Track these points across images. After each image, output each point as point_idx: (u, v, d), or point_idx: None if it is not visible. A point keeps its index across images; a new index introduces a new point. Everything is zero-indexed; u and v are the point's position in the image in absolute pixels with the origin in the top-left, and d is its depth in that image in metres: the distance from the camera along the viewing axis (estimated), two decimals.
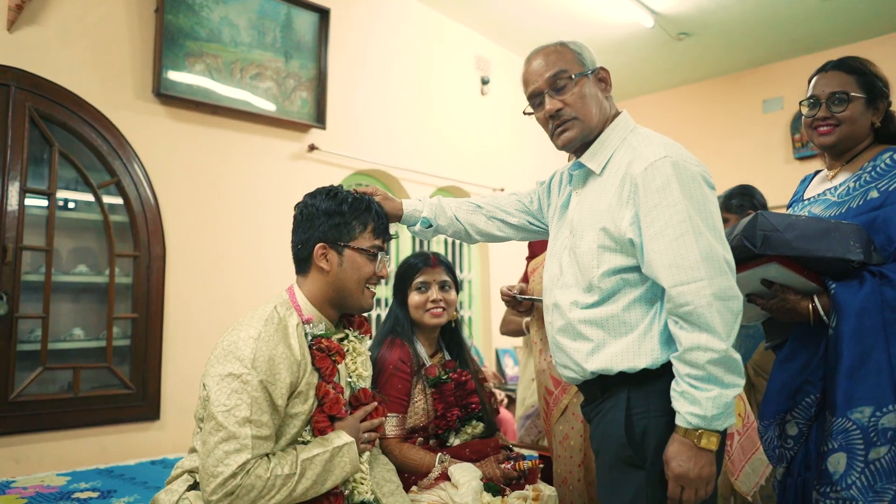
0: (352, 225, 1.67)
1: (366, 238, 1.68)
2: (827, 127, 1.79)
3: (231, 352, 1.49)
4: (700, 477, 1.33)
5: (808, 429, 1.65)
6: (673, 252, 1.36)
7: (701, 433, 1.32)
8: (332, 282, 1.67)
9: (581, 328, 1.51)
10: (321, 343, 1.63)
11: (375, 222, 1.70)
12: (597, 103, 1.57)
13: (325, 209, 1.68)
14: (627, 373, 1.44)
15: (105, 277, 3.27)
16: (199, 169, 3.64)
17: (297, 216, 1.74)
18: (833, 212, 1.74)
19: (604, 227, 1.48)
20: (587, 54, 1.60)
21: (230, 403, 1.43)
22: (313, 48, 4.11)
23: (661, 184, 1.39)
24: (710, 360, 1.31)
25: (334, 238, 1.66)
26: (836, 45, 5.61)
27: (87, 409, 3.12)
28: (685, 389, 1.33)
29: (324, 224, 1.67)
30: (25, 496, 2.30)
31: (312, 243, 1.67)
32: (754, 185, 3.07)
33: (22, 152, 2.99)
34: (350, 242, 1.66)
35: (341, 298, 1.69)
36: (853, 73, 1.78)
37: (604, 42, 5.51)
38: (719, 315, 1.32)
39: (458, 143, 5.23)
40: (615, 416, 1.45)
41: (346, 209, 1.68)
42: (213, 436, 1.42)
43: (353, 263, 1.66)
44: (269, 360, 1.49)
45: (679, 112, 6.53)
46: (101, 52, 3.31)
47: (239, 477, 1.38)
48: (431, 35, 5.10)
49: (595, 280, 1.48)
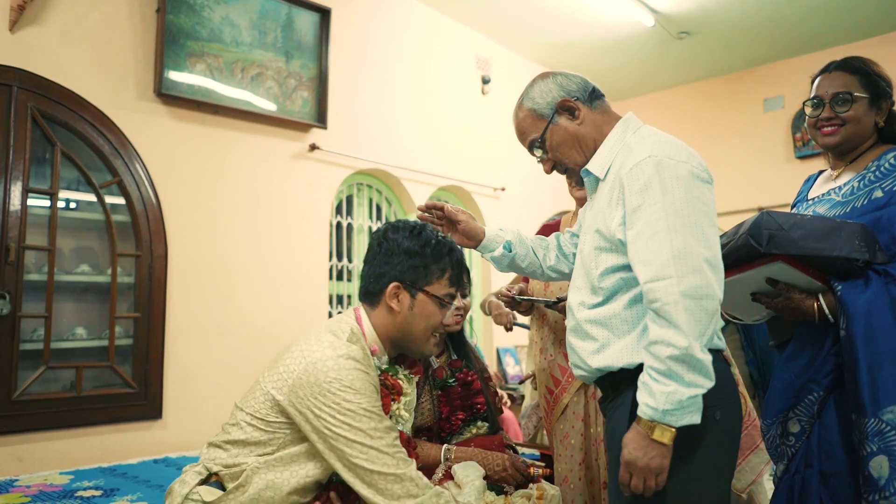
0: (430, 269, 1.62)
1: (441, 285, 1.63)
2: (831, 127, 1.80)
3: (338, 380, 1.46)
4: (648, 467, 1.34)
5: (811, 426, 1.66)
6: (647, 250, 1.38)
7: (654, 425, 1.33)
8: (400, 323, 1.62)
9: (587, 328, 1.53)
10: (386, 379, 1.61)
11: (454, 270, 1.66)
12: (573, 140, 1.59)
13: (407, 248, 1.62)
14: (628, 369, 1.46)
15: (107, 277, 3.27)
16: (201, 168, 3.64)
17: (375, 247, 1.67)
18: (837, 211, 1.74)
19: (598, 228, 1.52)
20: (541, 100, 1.60)
21: (379, 442, 1.44)
22: (314, 48, 4.12)
23: (643, 184, 1.41)
24: (671, 355, 1.32)
25: (410, 280, 1.61)
26: (837, 43, 5.61)
27: (90, 408, 3.13)
28: (646, 380, 1.36)
29: (402, 263, 1.61)
30: (29, 494, 2.31)
31: (387, 280, 1.61)
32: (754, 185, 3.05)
33: (24, 152, 3.00)
34: (425, 287, 1.61)
35: (405, 341, 1.65)
36: (856, 74, 1.78)
37: (604, 41, 5.51)
38: (686, 312, 1.32)
39: (458, 142, 5.24)
40: (622, 414, 1.48)
41: (427, 252, 1.62)
42: (387, 482, 1.43)
43: (424, 309, 1.62)
44: (374, 386, 1.49)
45: (679, 111, 6.53)
46: (103, 52, 3.32)
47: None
48: (432, 35, 5.11)
49: (596, 281, 1.52)
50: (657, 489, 1.37)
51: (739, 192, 5.94)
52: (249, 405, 1.55)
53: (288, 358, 1.54)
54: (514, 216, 5.43)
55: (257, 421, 1.52)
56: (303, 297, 4.07)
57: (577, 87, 1.61)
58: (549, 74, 1.64)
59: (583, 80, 1.63)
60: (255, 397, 1.55)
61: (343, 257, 4.57)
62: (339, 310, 4.49)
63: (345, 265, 4.57)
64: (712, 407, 1.38)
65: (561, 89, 1.60)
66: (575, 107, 1.59)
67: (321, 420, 1.45)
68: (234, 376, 3.62)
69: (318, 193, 4.22)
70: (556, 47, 5.70)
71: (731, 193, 5.79)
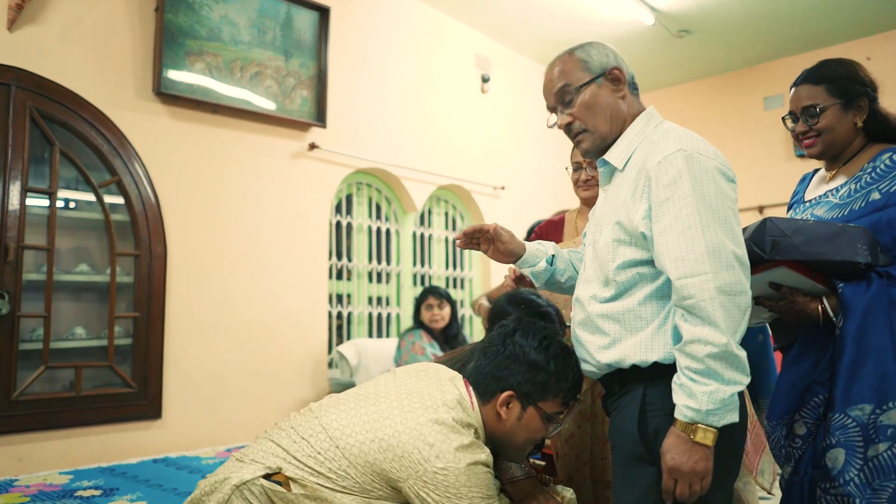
0: (549, 387, 1.58)
1: (555, 403, 1.60)
2: (808, 139, 1.83)
3: (473, 486, 1.44)
4: (693, 471, 1.31)
5: (817, 428, 1.66)
6: (680, 245, 1.36)
7: (696, 427, 1.30)
8: (504, 431, 1.60)
9: (599, 322, 1.51)
10: None
11: (569, 390, 1.61)
12: (607, 110, 1.57)
13: (533, 360, 1.58)
14: (640, 366, 1.44)
15: (106, 276, 3.27)
16: (200, 168, 3.64)
17: (499, 344, 1.64)
18: (835, 214, 1.74)
19: (618, 220, 1.49)
20: (596, 56, 1.59)
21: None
22: (313, 47, 4.11)
23: (673, 177, 1.39)
24: (710, 353, 1.29)
25: (527, 392, 1.58)
26: (836, 42, 5.61)
27: (89, 407, 3.13)
28: (684, 382, 1.33)
29: (523, 373, 1.58)
30: (28, 494, 2.31)
31: (504, 386, 1.58)
32: (755, 183, 3.05)
33: (23, 152, 3.00)
34: (539, 402, 1.58)
35: (502, 446, 1.62)
36: (821, 83, 1.80)
37: (604, 39, 5.39)
38: (722, 309, 1.30)
39: (458, 141, 5.23)
40: (630, 411, 1.45)
41: (552, 368, 1.58)
42: None
43: (531, 423, 1.59)
44: (490, 481, 1.47)
45: (679, 110, 6.52)
46: (102, 51, 3.32)
47: None
48: (431, 33, 5.10)
49: (611, 274, 1.49)
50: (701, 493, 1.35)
51: (740, 190, 5.83)
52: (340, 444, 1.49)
53: (387, 412, 1.51)
54: (513, 215, 5.43)
55: (348, 474, 1.48)
56: (302, 297, 4.06)
57: (627, 69, 1.63)
58: (605, 44, 1.65)
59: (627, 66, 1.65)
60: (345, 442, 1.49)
61: (343, 256, 4.56)
62: (338, 309, 4.49)
63: (344, 264, 4.56)
64: None
65: (617, 59, 1.61)
66: (623, 79, 1.59)
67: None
68: (234, 376, 3.62)
69: (317, 192, 4.22)
70: (556, 46, 5.64)
71: None
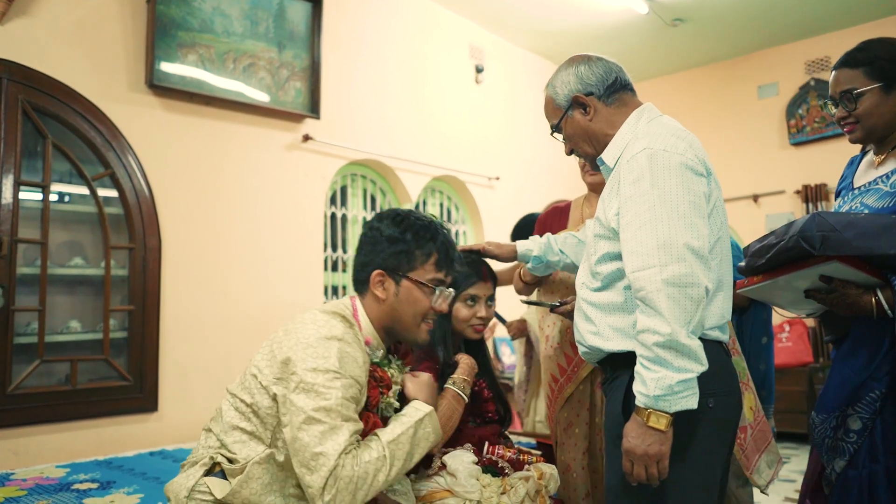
0: (414, 254, 1.60)
1: (427, 270, 1.61)
2: (848, 125, 1.78)
3: (311, 347, 1.45)
4: (647, 454, 1.37)
5: (873, 422, 1.65)
6: (635, 240, 1.43)
7: (649, 412, 1.36)
8: (388, 311, 1.61)
9: (587, 309, 1.61)
10: (376, 372, 1.59)
11: (440, 254, 1.63)
12: (583, 134, 1.66)
13: (389, 235, 1.61)
14: (619, 354, 1.52)
15: (101, 270, 3.27)
16: (194, 160, 3.63)
17: (362, 237, 1.68)
18: (887, 202, 1.69)
19: (598, 216, 1.60)
20: (561, 91, 1.66)
21: (322, 400, 1.40)
22: (306, 38, 4.09)
23: (636, 176, 1.46)
24: (657, 342, 1.35)
25: (393, 266, 1.60)
26: (831, 29, 5.61)
27: (85, 401, 3.13)
28: (638, 369, 1.40)
29: (385, 250, 1.60)
30: (25, 488, 2.31)
31: (371, 269, 1.61)
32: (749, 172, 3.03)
33: (15, 145, 2.98)
34: (409, 273, 1.60)
35: (395, 329, 1.64)
36: (859, 66, 1.74)
37: (598, 29, 5.49)
38: (669, 300, 1.35)
39: (452, 131, 5.22)
40: (618, 395, 1.53)
41: (409, 237, 1.60)
42: (306, 431, 1.39)
43: (410, 296, 1.60)
44: (354, 361, 1.47)
45: (674, 99, 6.52)
46: (93, 43, 3.30)
47: (343, 468, 1.36)
48: (425, 23, 5.08)
49: (594, 266, 1.59)
50: (660, 477, 1.39)
51: (734, 179, 5.95)
52: (243, 397, 1.53)
53: (275, 341, 1.53)
54: (508, 206, 5.43)
55: (251, 410, 1.51)
56: (297, 289, 4.06)
57: (596, 80, 1.65)
58: (575, 61, 1.68)
59: (606, 70, 1.66)
60: (247, 384, 1.54)
61: (338, 248, 4.56)
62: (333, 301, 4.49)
63: (339, 256, 4.56)
64: (706, 395, 1.41)
65: (579, 82, 1.65)
66: (587, 103, 1.64)
67: (288, 385, 1.44)
68: (230, 368, 3.62)
69: (311, 184, 4.21)
70: (550, 35, 5.68)
71: (726, 181, 5.78)
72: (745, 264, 1.75)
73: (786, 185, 5.84)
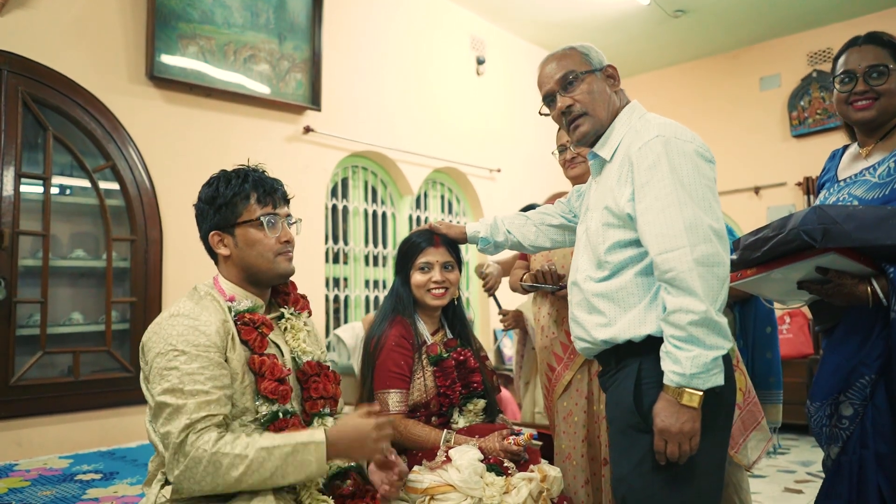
0: (233, 203, 1.64)
1: (252, 210, 1.65)
2: (865, 101, 1.76)
3: (155, 332, 1.53)
4: (682, 431, 1.41)
5: (864, 408, 1.66)
6: (659, 223, 1.46)
7: (682, 391, 1.40)
8: (238, 263, 1.66)
9: (595, 301, 1.61)
10: (244, 317, 1.61)
11: (258, 191, 1.66)
12: (605, 98, 1.68)
13: (206, 197, 1.67)
14: (634, 341, 1.54)
15: (102, 262, 3.27)
16: (195, 152, 3.62)
17: (195, 217, 1.73)
18: (876, 194, 1.70)
19: (606, 205, 1.61)
20: (594, 54, 1.71)
21: (165, 382, 1.44)
22: (307, 29, 4.08)
23: (652, 161, 1.50)
24: (691, 321, 1.39)
25: (219, 222, 1.65)
26: (833, 20, 5.59)
27: (88, 392, 3.13)
28: (669, 350, 1.43)
29: (209, 212, 1.65)
30: (28, 479, 2.32)
31: (206, 235, 1.68)
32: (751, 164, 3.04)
33: (16, 137, 2.98)
34: (236, 221, 1.64)
35: (255, 275, 1.67)
36: (887, 47, 1.76)
37: (600, 20, 5.47)
38: (701, 279, 1.40)
39: (453, 123, 5.21)
40: (627, 385, 1.55)
41: (222, 189, 1.65)
42: (158, 417, 1.44)
43: (247, 239, 1.64)
44: (196, 330, 1.50)
45: (675, 90, 6.50)
46: (94, 34, 3.29)
47: (186, 445, 1.37)
48: (426, 15, 5.07)
49: (602, 255, 1.60)
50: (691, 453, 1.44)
51: (736, 170, 5.94)
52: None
53: None
54: (509, 197, 5.43)
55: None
56: (299, 281, 3.99)
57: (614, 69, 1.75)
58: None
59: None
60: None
61: (339, 240, 4.56)
62: (335, 293, 4.50)
63: (341, 248, 4.56)
64: None
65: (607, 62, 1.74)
66: (616, 77, 1.72)
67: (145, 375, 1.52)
68: None
69: (312, 176, 4.20)
70: (551, 27, 5.66)
71: (728, 172, 5.79)
72: (738, 257, 1.74)
73: (787, 177, 5.83)
